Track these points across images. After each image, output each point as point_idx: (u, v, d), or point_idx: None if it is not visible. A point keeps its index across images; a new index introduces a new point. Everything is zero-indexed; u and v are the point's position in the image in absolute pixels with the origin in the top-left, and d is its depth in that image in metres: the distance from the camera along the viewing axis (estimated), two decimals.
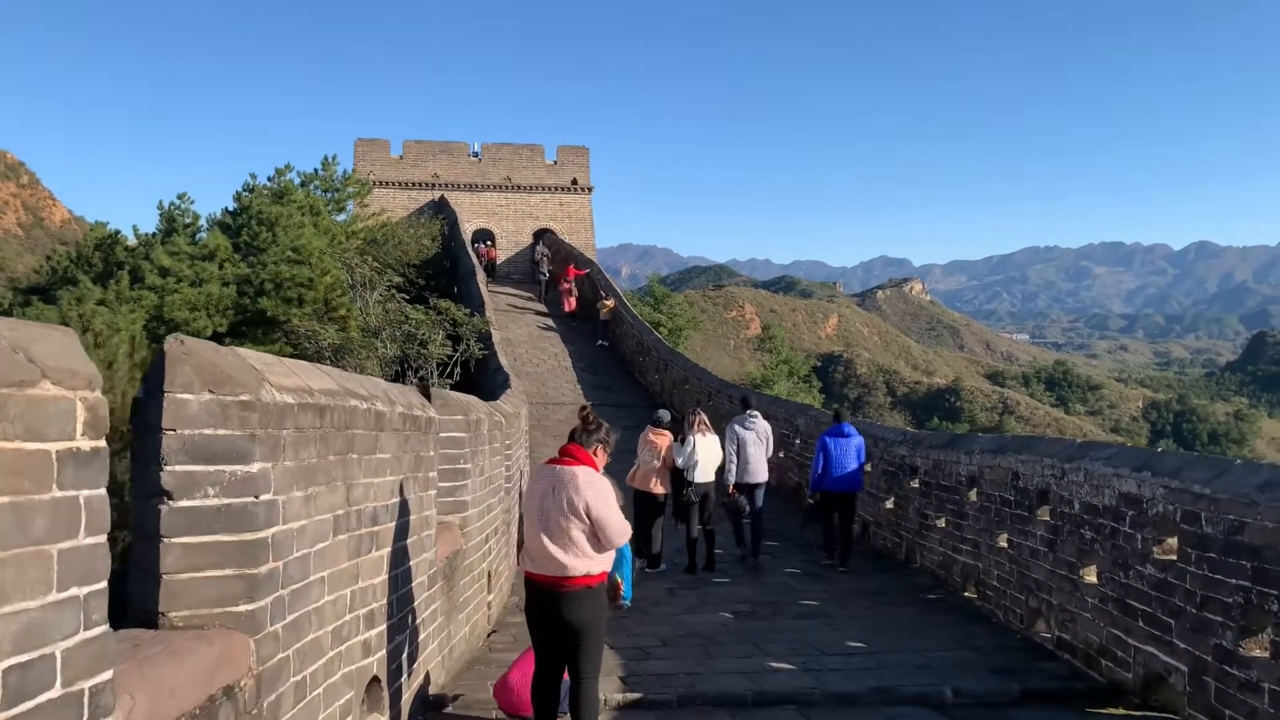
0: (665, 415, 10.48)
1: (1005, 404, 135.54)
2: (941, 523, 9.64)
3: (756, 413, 10.99)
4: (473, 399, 7.19)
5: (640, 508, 10.16)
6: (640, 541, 10.20)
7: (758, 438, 10.73)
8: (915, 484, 10.37)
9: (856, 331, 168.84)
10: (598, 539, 4.54)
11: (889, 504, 11.21)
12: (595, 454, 4.80)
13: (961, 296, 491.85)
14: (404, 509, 4.71)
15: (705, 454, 10.13)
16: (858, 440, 10.50)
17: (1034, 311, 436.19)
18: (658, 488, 10.00)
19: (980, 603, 8.52)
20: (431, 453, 5.35)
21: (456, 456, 6.22)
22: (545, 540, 4.49)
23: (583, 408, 5.19)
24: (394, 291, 20.25)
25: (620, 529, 4.58)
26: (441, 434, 6.03)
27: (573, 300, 31.34)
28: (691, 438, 10.09)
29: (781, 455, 15.60)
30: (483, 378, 19.60)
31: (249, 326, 23.55)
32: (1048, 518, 7.23)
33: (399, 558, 4.65)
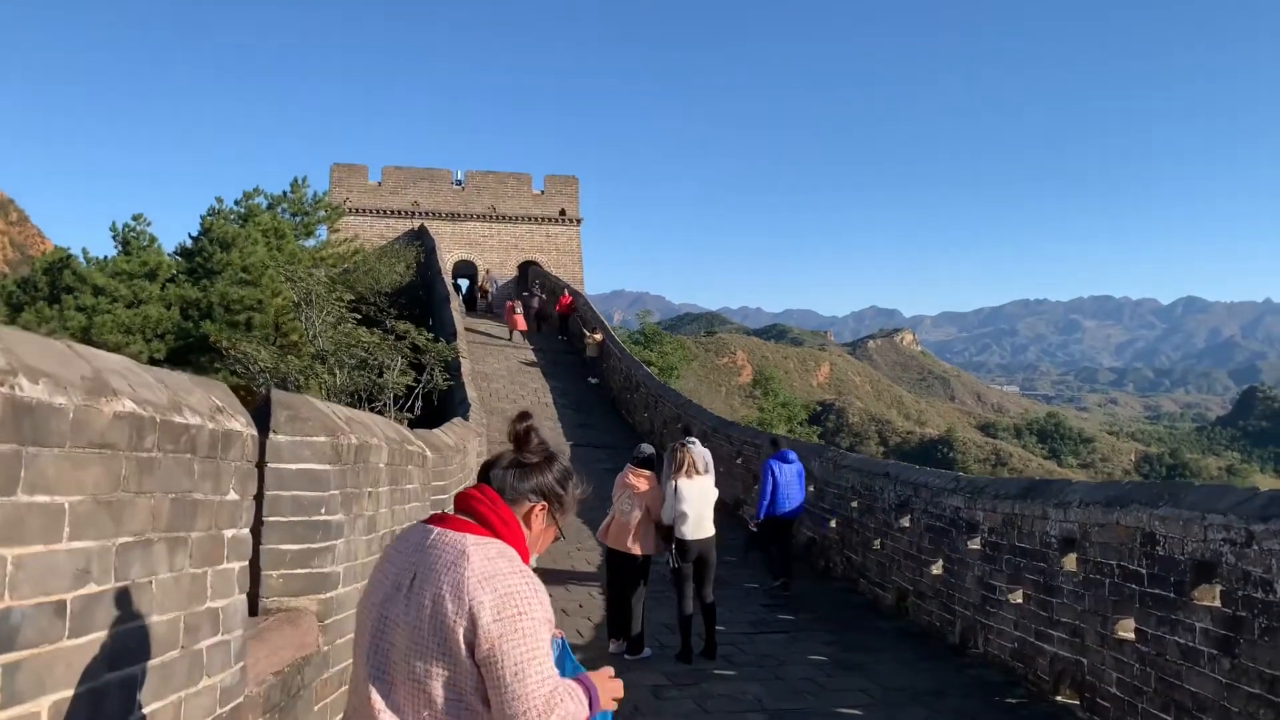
0: (648, 449, 8.10)
1: (998, 455, 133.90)
2: (1017, 598, 7.30)
3: (694, 439, 10.84)
4: (364, 416, 4.87)
5: (616, 573, 7.77)
6: (615, 619, 7.82)
7: None
8: (976, 544, 8.03)
9: (848, 380, 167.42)
10: (488, 709, 1.96)
11: (935, 569, 8.85)
12: (530, 519, 2.23)
13: (951, 348, 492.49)
14: (125, 606, 2.38)
15: (696, 502, 7.76)
16: (799, 466, 10.89)
17: (1024, 364, 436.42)
18: (638, 546, 7.61)
19: (1088, 716, 6.15)
20: (233, 495, 3.01)
21: (314, 503, 3.88)
22: (373, 697, 2.01)
23: (521, 415, 2.37)
24: (347, 312, 17.95)
25: (540, 704, 1.92)
26: (280, 465, 3.71)
27: (519, 318, 30.57)
28: (673, 482, 7.76)
29: None
30: (447, 412, 17.26)
31: (193, 353, 21.19)
32: (1216, 603, 4.91)
33: (89, 705, 2.29)
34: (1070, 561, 6.49)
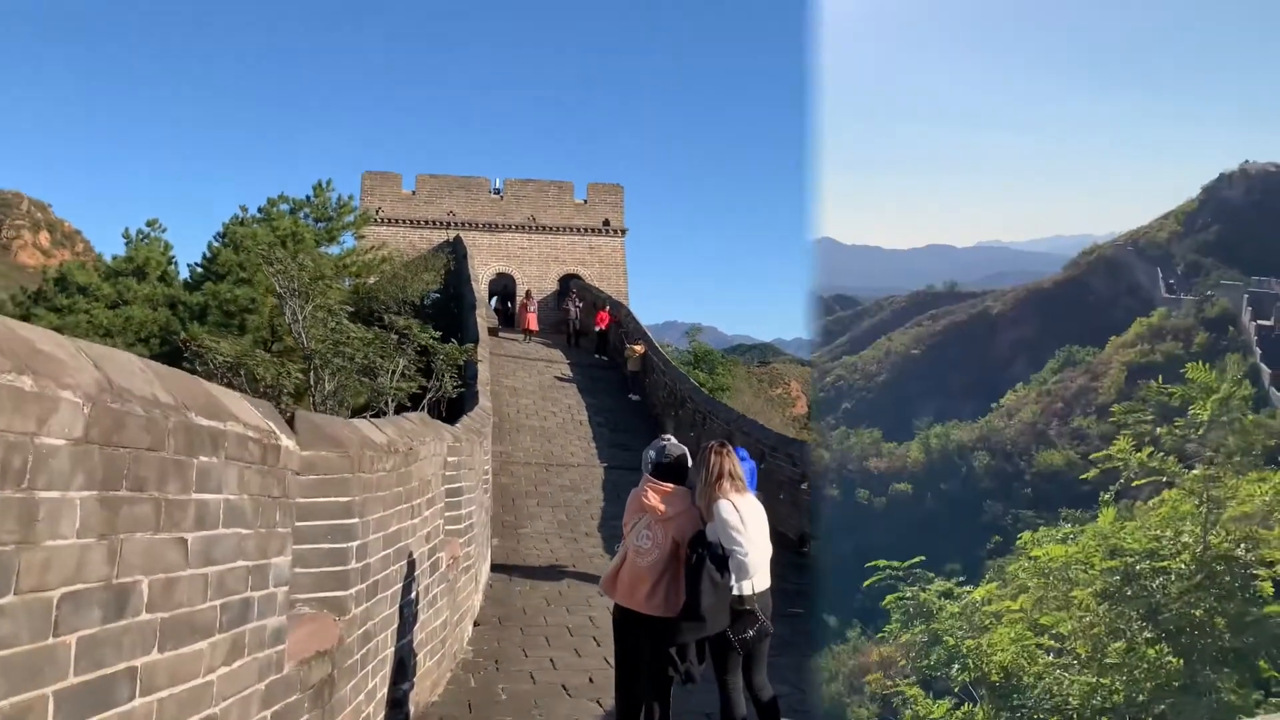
0: (673, 449, 5.03)
1: None
2: None
3: (670, 435, 7.39)
4: (50, 338, 2.28)
5: (628, 644, 4.90)
6: (628, 710, 4.97)
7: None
8: None
9: None
10: None
11: None
12: None
13: None
14: None
15: (757, 534, 4.71)
16: (749, 464, 8.96)
17: None
18: (661, 604, 4.73)
19: None
20: None
21: None
22: None
23: None
24: (338, 305, 15.41)
25: None
26: None
27: (531, 317, 30.26)
28: (721, 505, 4.64)
29: None
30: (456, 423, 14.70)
31: (181, 359, 18.97)
32: None
33: None
34: None
